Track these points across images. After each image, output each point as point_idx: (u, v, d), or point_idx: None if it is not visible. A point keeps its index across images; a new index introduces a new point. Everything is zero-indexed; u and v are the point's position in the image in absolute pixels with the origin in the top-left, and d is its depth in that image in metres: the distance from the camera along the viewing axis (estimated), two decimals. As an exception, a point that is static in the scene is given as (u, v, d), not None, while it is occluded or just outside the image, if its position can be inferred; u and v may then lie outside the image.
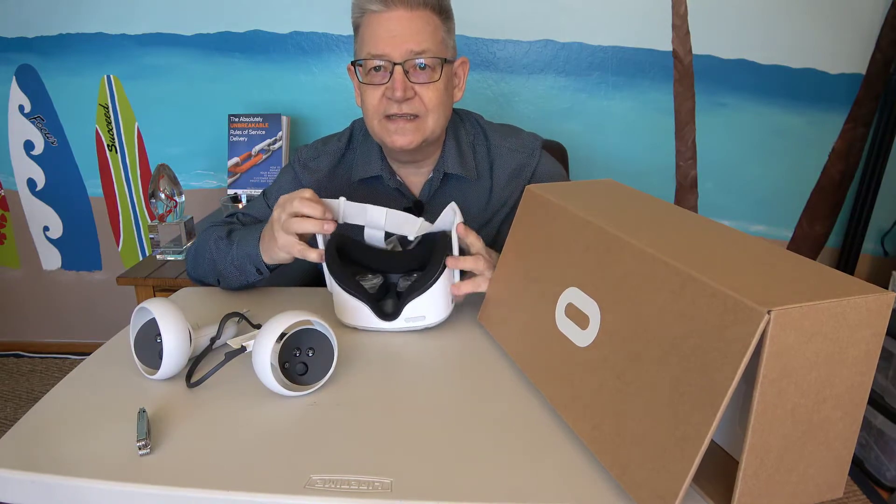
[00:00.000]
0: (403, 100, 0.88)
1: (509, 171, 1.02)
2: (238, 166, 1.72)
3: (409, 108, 0.89)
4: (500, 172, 1.02)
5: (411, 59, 0.87)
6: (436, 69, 0.90)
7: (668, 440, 0.46)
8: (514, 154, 1.03)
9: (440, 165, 0.99)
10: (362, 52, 0.90)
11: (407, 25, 0.87)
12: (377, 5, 0.87)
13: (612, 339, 0.55)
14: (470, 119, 1.06)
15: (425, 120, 0.91)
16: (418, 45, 0.87)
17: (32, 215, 2.03)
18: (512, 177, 1.02)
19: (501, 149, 1.03)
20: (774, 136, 1.83)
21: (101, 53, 1.83)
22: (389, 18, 0.87)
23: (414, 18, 0.87)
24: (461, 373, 0.69)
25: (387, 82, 0.88)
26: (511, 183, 1.02)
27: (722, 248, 0.54)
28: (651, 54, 1.76)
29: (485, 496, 0.50)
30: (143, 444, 0.54)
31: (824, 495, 0.49)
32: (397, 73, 0.87)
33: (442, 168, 0.99)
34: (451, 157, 0.99)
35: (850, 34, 1.72)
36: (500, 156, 1.03)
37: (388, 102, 0.89)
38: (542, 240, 0.70)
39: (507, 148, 1.03)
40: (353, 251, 0.81)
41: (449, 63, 0.92)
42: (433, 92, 0.90)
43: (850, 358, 0.45)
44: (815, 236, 1.94)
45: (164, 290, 1.30)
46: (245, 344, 0.65)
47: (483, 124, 1.06)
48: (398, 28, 0.86)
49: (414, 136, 0.91)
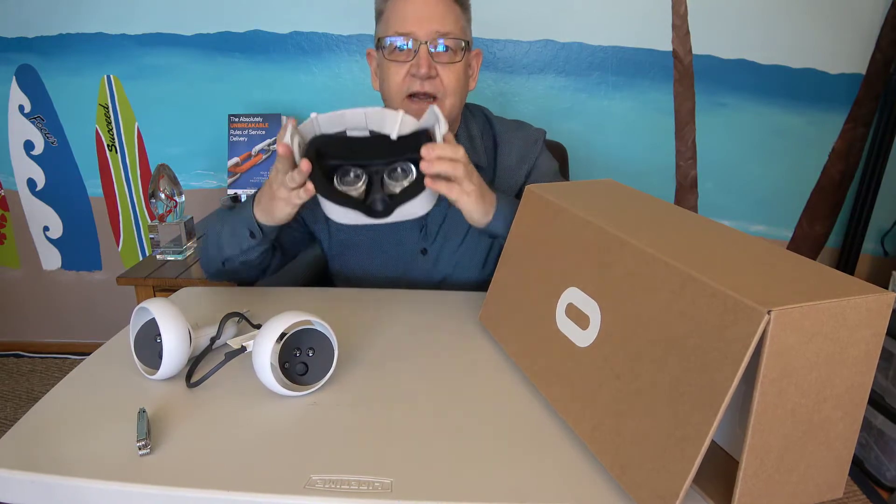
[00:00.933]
0: (426, 77, 0.90)
1: (513, 162, 1.04)
2: (238, 166, 1.72)
3: (431, 86, 0.91)
4: (504, 161, 1.04)
5: (435, 39, 0.90)
6: (457, 52, 0.93)
7: (668, 440, 0.46)
8: (517, 145, 1.05)
9: None
10: (388, 31, 0.92)
11: (433, 8, 0.91)
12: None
13: (613, 340, 0.55)
14: (478, 110, 1.10)
15: (443, 102, 0.93)
16: (443, 27, 0.90)
17: (32, 215, 2.03)
18: (514, 167, 1.04)
19: (504, 138, 1.05)
20: (774, 136, 1.83)
21: (101, 53, 1.83)
22: (415, 1, 0.91)
23: (439, 3, 0.91)
24: (461, 373, 0.69)
25: (411, 59, 0.91)
26: (514, 173, 1.04)
27: (722, 248, 0.54)
28: (651, 54, 1.76)
29: (485, 496, 0.50)
30: (143, 444, 0.54)
31: (824, 495, 0.49)
32: (422, 50, 0.90)
33: None
34: (465, 146, 0.99)
35: (850, 34, 1.72)
36: (503, 145, 1.05)
37: (410, 80, 0.91)
38: (543, 240, 0.70)
39: (509, 139, 1.05)
40: (332, 149, 0.79)
41: (468, 48, 0.96)
42: (453, 73, 0.93)
43: (851, 358, 0.45)
44: (815, 236, 1.94)
45: (164, 290, 1.30)
46: (245, 344, 0.65)
47: (488, 115, 1.09)
48: (425, 9, 0.90)
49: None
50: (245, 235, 0.88)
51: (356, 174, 0.78)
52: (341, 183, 0.78)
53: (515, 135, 1.06)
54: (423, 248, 1.02)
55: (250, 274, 0.97)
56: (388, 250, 1.02)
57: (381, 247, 1.02)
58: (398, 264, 1.03)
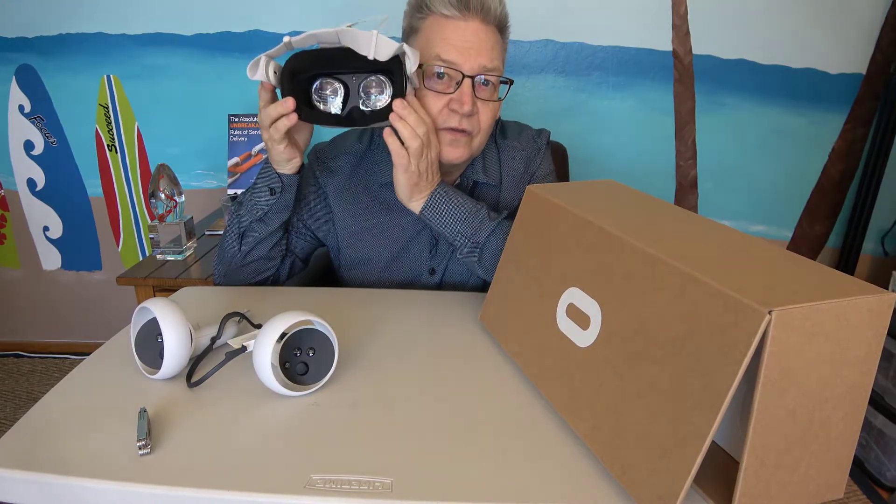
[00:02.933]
0: (468, 115, 0.86)
1: (518, 174, 1.03)
2: (238, 166, 1.72)
3: (468, 124, 0.87)
4: (509, 176, 1.02)
5: (480, 75, 0.85)
6: (496, 88, 0.89)
7: (668, 440, 0.46)
8: (520, 154, 1.03)
9: (468, 173, 0.99)
10: (429, 55, 0.85)
11: (484, 39, 0.84)
12: (451, 10, 0.83)
13: (613, 340, 0.55)
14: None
15: (474, 138, 0.90)
16: (490, 62, 0.85)
17: (32, 215, 2.03)
18: (519, 178, 1.03)
19: (507, 149, 1.03)
20: (774, 136, 1.83)
21: (101, 53, 1.83)
22: (466, 28, 0.84)
23: (488, 32, 0.85)
24: (461, 373, 0.69)
25: (451, 92, 0.85)
26: (519, 185, 1.02)
27: (722, 249, 0.54)
28: (651, 54, 1.76)
29: (485, 496, 0.50)
30: (143, 443, 0.54)
31: (825, 495, 0.49)
32: (466, 86, 0.84)
33: (471, 176, 0.99)
34: (479, 165, 0.99)
35: (850, 34, 1.72)
36: (507, 158, 1.03)
37: (449, 114, 0.86)
38: (543, 240, 0.70)
39: (512, 148, 1.03)
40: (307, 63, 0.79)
41: (506, 84, 0.90)
42: (490, 111, 0.89)
43: (851, 358, 0.45)
44: (815, 236, 1.94)
45: (164, 290, 1.30)
46: (245, 344, 0.65)
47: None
48: (474, 39, 0.84)
49: (464, 150, 0.90)
50: (265, 195, 0.88)
51: (332, 88, 0.81)
52: (319, 99, 0.81)
53: (517, 144, 1.03)
54: (432, 267, 1.01)
55: (264, 268, 0.95)
56: (396, 271, 1.01)
57: (389, 268, 1.01)
58: (404, 281, 1.02)
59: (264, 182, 0.88)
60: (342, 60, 0.78)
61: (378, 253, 1.00)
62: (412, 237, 0.99)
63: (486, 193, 1.01)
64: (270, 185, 0.88)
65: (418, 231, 0.99)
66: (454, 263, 1.00)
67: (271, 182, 0.88)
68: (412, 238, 0.99)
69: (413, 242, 1.00)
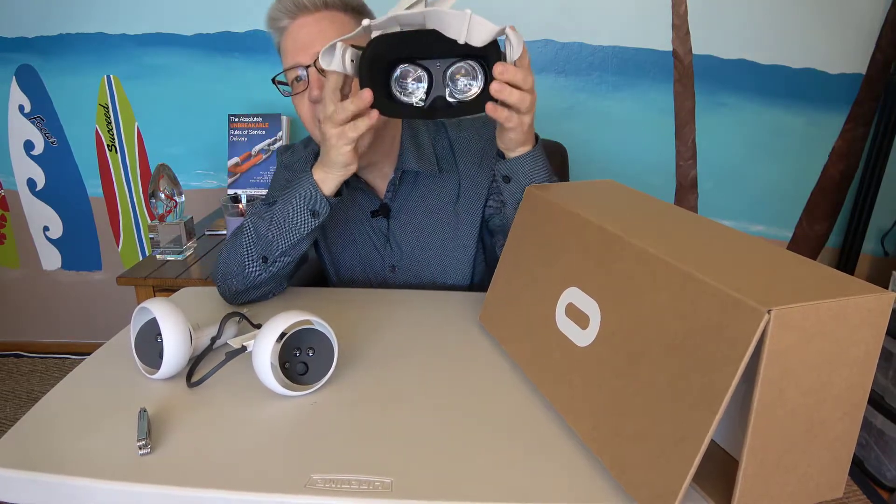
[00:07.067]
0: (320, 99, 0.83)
1: (475, 160, 1.00)
2: (238, 166, 1.72)
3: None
4: (465, 162, 1.00)
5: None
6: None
7: (668, 440, 0.46)
8: (473, 142, 1.01)
9: (400, 164, 0.96)
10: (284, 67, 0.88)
11: (315, 28, 0.84)
12: (285, 20, 0.85)
13: (613, 339, 0.55)
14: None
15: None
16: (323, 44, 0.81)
17: (32, 215, 2.03)
18: (478, 165, 1.00)
19: (460, 140, 1.01)
20: (774, 136, 1.83)
21: (101, 53, 1.83)
22: (299, 26, 0.85)
23: (320, 19, 0.85)
24: (461, 373, 0.69)
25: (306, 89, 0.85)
26: (480, 172, 1.00)
27: (722, 248, 0.54)
28: (651, 54, 1.76)
29: (485, 496, 0.50)
30: (143, 443, 0.54)
31: (824, 495, 0.49)
32: (311, 73, 0.84)
33: (401, 166, 0.96)
34: (410, 154, 0.97)
35: (850, 34, 1.72)
36: (460, 146, 1.01)
37: (315, 107, 0.86)
38: (543, 240, 0.70)
39: (464, 138, 1.01)
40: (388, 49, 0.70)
41: None
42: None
43: (851, 358, 0.45)
44: (815, 236, 1.94)
45: (164, 290, 1.30)
46: (245, 344, 0.65)
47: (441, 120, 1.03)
48: (306, 35, 0.85)
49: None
50: (305, 218, 0.81)
51: (416, 76, 0.71)
52: (401, 91, 0.71)
53: (468, 135, 1.01)
54: (392, 265, 1.01)
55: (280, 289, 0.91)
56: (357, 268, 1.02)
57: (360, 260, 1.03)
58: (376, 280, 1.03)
59: (304, 203, 0.80)
60: (427, 45, 0.69)
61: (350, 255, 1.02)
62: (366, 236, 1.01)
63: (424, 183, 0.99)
64: (314, 207, 0.80)
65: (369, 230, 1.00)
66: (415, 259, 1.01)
67: (315, 205, 0.80)
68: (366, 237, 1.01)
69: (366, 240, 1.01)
